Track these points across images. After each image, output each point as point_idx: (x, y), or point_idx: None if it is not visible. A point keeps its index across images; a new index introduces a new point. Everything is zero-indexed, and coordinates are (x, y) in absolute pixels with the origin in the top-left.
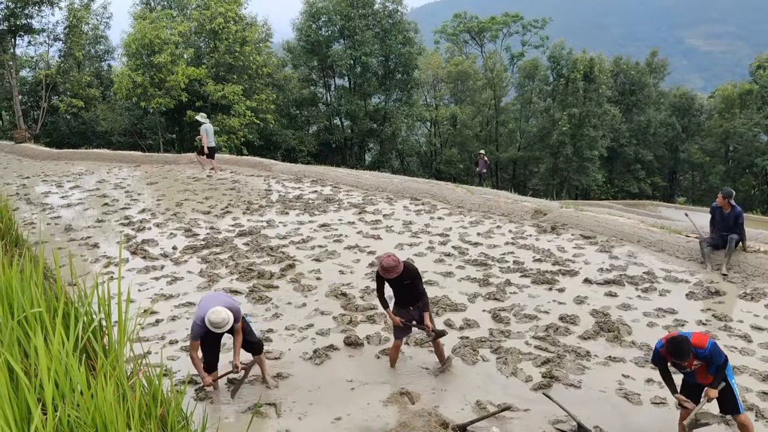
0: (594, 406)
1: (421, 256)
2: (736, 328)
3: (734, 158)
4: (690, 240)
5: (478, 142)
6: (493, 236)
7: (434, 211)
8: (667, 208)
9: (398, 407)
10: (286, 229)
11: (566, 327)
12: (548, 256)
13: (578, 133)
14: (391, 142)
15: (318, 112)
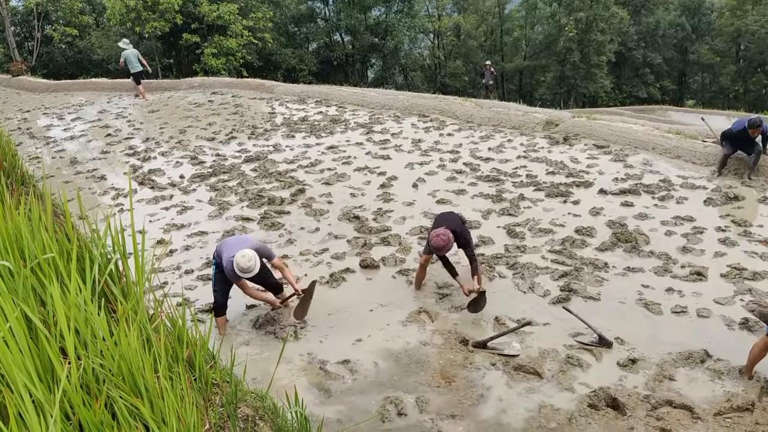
0: (614, 317)
1: (432, 175)
2: (756, 234)
3: (746, 57)
4: (707, 145)
5: (483, 52)
6: (505, 150)
7: (443, 128)
8: (676, 112)
9: (417, 327)
10: (294, 152)
11: (582, 239)
12: (561, 168)
13: (585, 39)
14: (394, 57)
15: (317, 29)
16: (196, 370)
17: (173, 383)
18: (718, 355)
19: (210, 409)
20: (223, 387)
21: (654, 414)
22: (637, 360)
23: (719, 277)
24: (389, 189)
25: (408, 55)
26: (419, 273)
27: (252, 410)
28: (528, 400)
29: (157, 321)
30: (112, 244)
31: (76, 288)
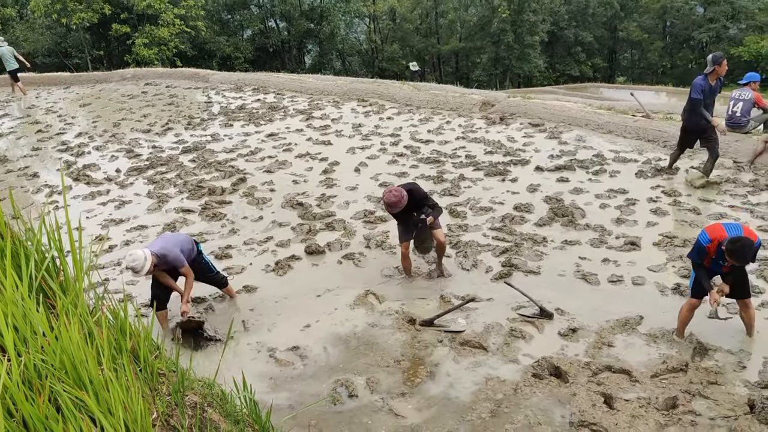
0: (554, 289)
1: (373, 159)
2: (685, 203)
3: (672, 33)
4: (637, 119)
5: (419, 35)
6: (444, 132)
7: (383, 112)
8: (608, 89)
9: (365, 309)
10: (233, 141)
11: (521, 216)
12: (499, 148)
13: (518, 19)
14: (331, 42)
15: (251, 15)
16: (141, 361)
17: (118, 374)
18: (653, 320)
19: (157, 398)
20: (170, 376)
21: (595, 379)
22: (578, 329)
23: (652, 245)
24: (332, 174)
25: (345, 40)
26: (404, 262)
27: (200, 398)
28: (474, 374)
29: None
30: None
31: (12, 285)
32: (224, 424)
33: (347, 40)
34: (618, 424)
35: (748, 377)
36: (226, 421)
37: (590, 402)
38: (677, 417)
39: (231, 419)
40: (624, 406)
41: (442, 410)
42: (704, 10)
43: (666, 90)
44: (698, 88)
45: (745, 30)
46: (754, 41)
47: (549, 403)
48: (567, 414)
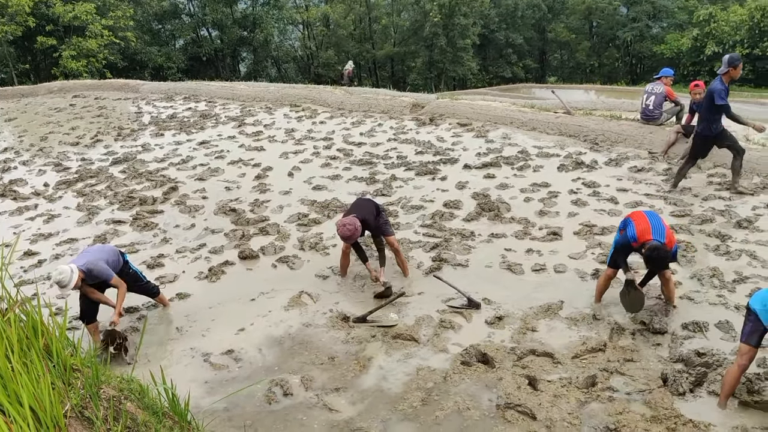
0: (481, 280)
1: (307, 163)
2: (603, 193)
3: (598, 33)
4: (558, 116)
5: (353, 41)
6: (376, 134)
7: (315, 116)
8: (539, 89)
9: (299, 310)
10: (164, 151)
11: (451, 212)
12: (429, 148)
13: (450, 23)
14: (265, 50)
15: (182, 25)
16: (54, 357)
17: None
18: (574, 304)
19: (71, 391)
20: (85, 372)
21: (520, 363)
22: (504, 317)
23: (573, 235)
24: (265, 180)
25: (279, 47)
26: (343, 260)
27: (117, 391)
28: (406, 365)
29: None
30: None
31: None
32: (142, 416)
33: (282, 47)
34: (541, 404)
35: (661, 353)
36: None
37: (515, 385)
38: (596, 394)
39: (150, 411)
40: (547, 387)
41: (375, 402)
42: (627, 10)
43: (594, 88)
44: (721, 93)
45: (667, 28)
46: (675, 39)
47: (477, 389)
48: (494, 397)
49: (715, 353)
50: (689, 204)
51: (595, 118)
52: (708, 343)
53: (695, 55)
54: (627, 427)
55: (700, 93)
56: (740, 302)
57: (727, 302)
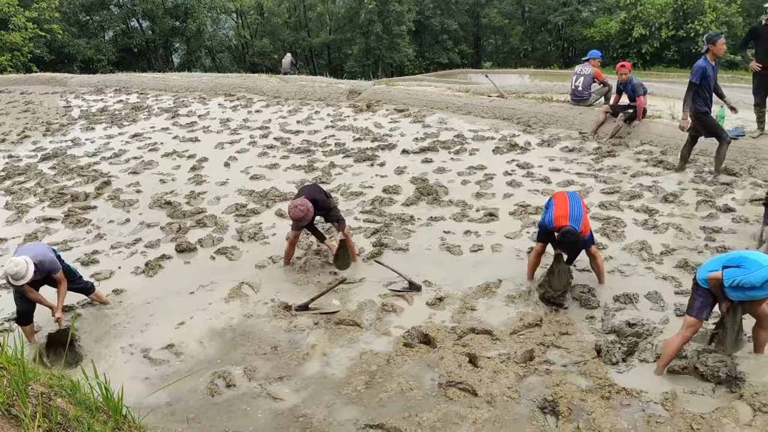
0: (422, 263)
1: (243, 153)
2: (537, 174)
3: (530, 18)
4: (492, 99)
5: (289, 29)
6: (313, 122)
7: (251, 105)
8: (475, 74)
9: (240, 301)
10: (95, 145)
11: (390, 197)
12: (367, 134)
13: (385, 10)
14: (198, 39)
15: (111, 16)
16: None
17: None
18: (511, 282)
19: None
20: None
21: (460, 342)
22: (444, 298)
23: (508, 215)
24: (200, 171)
25: (213, 37)
26: (288, 249)
27: (46, 387)
28: (350, 350)
29: None
30: None
31: None
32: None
33: (216, 37)
34: (482, 380)
35: (594, 326)
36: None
37: (456, 363)
38: (534, 368)
39: (82, 407)
40: (487, 363)
41: (319, 388)
42: None
43: (529, 72)
44: (696, 71)
45: (596, 12)
46: (604, 22)
47: (419, 369)
48: (436, 377)
49: (645, 323)
50: (618, 181)
51: (527, 101)
52: (638, 314)
53: (623, 38)
54: (564, 398)
55: (626, 73)
56: (668, 273)
57: (655, 274)
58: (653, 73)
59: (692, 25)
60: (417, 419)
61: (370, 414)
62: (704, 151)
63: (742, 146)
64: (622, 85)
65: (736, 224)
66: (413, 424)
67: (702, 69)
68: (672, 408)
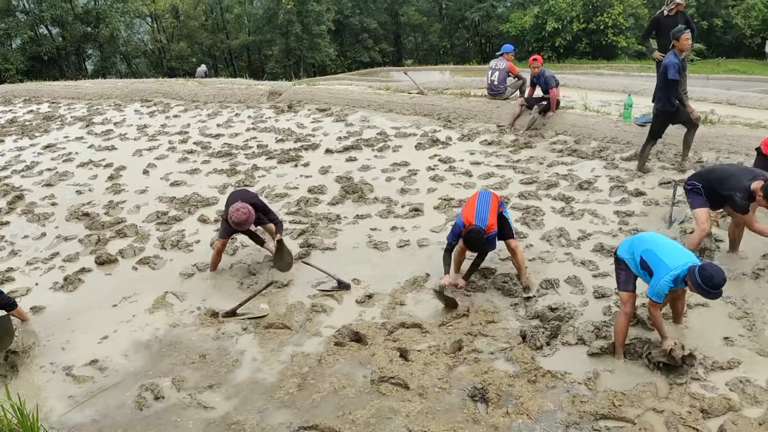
0: (350, 261)
1: (163, 159)
2: (459, 167)
3: (448, 15)
4: (413, 96)
5: (206, 31)
6: (234, 125)
7: (168, 110)
8: (397, 71)
9: (165, 311)
10: (5, 158)
11: (315, 197)
12: (290, 135)
13: (303, 10)
14: (112, 45)
15: (17, 23)
16: None
17: None
18: (438, 275)
19: None
20: None
21: (391, 337)
22: (373, 294)
23: (433, 209)
24: (119, 180)
25: (128, 42)
26: (215, 257)
27: None
28: (280, 353)
29: None
30: None
31: None
32: None
33: (130, 42)
34: (413, 374)
35: (519, 312)
36: None
37: (388, 358)
38: (463, 357)
39: None
40: (417, 357)
41: (250, 394)
42: None
43: (449, 68)
44: (675, 67)
45: (510, 7)
46: (518, 17)
47: (351, 367)
48: (368, 373)
49: (566, 307)
50: (536, 171)
51: (446, 97)
52: (559, 298)
53: (538, 32)
54: (492, 385)
55: (538, 66)
56: (585, 258)
57: (574, 259)
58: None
59: (602, 18)
60: (351, 417)
61: (304, 416)
62: (615, 138)
63: None
64: (535, 78)
65: (647, 207)
66: (347, 422)
67: (677, 65)
68: (595, 387)
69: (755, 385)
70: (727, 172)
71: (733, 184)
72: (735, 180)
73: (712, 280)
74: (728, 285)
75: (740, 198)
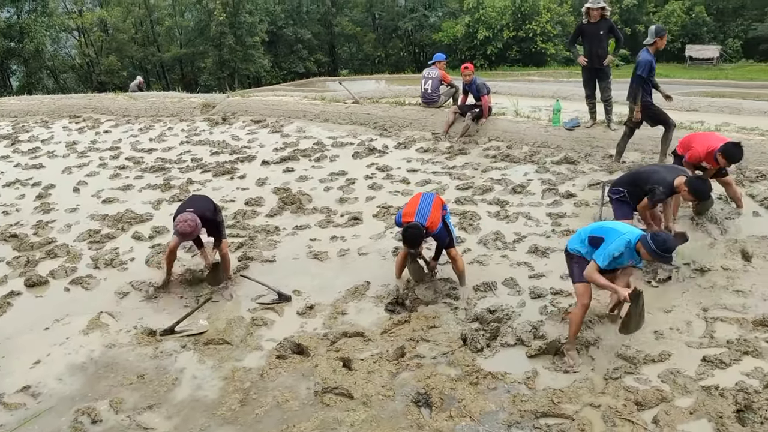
0: (289, 273)
1: (93, 176)
2: (396, 175)
3: (381, 25)
4: (348, 106)
5: (136, 45)
6: (167, 139)
7: (98, 126)
8: (332, 82)
9: (101, 332)
10: None
11: (253, 210)
12: (225, 147)
13: (236, 21)
14: (38, 60)
15: None
16: None
17: None
18: (379, 283)
19: None
20: None
21: (333, 347)
22: (314, 305)
23: (372, 217)
24: (47, 199)
25: (54, 57)
26: (168, 256)
27: None
28: (221, 370)
29: None
30: None
31: None
32: None
33: (57, 57)
34: (357, 383)
35: (459, 316)
36: None
37: (331, 369)
38: (406, 363)
39: None
40: (361, 365)
41: (191, 412)
42: (405, 1)
43: (384, 77)
44: (645, 65)
45: (442, 17)
46: (450, 26)
47: (294, 380)
48: (311, 385)
49: (504, 308)
50: (471, 177)
51: (381, 106)
52: (498, 300)
53: (470, 41)
54: (435, 389)
55: (469, 74)
56: (521, 259)
57: (510, 261)
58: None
59: (530, 26)
60: (295, 430)
61: (247, 431)
62: (545, 143)
63: (578, 136)
64: (467, 86)
65: (577, 208)
66: None
67: (649, 62)
68: (534, 385)
69: (685, 376)
70: (651, 170)
71: (657, 179)
72: (659, 176)
73: (665, 244)
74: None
75: (660, 191)
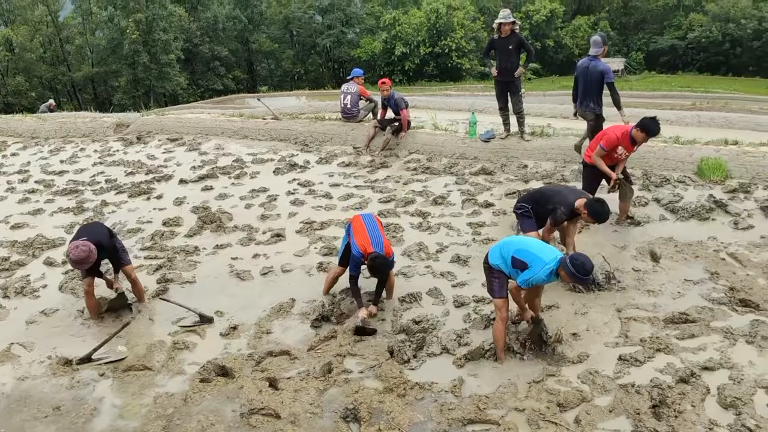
0: (211, 294)
1: (1, 201)
2: (318, 190)
3: (299, 41)
4: (267, 122)
5: (45, 64)
6: (79, 160)
7: (5, 148)
8: (252, 98)
9: (11, 363)
10: None
11: (171, 230)
12: (140, 167)
13: (150, 39)
14: None
15: None
16: None
17: None
18: (304, 299)
19: None
20: None
21: (259, 367)
22: (238, 326)
23: (295, 233)
24: None
25: None
26: (88, 301)
27: None
28: (142, 396)
29: None
30: None
31: None
32: None
33: None
34: (284, 402)
35: (385, 328)
36: None
37: (257, 390)
38: (333, 379)
39: None
40: (287, 384)
41: None
42: (322, 18)
43: (304, 93)
44: (609, 71)
45: (360, 33)
46: (368, 42)
47: (219, 403)
48: (237, 407)
49: (429, 318)
50: (393, 190)
51: (302, 121)
52: (423, 311)
53: (387, 56)
54: (364, 404)
55: (387, 89)
56: (444, 269)
57: (434, 271)
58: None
59: (446, 42)
60: None
61: None
62: (463, 154)
63: (494, 147)
64: (385, 101)
65: (496, 217)
66: None
67: (608, 68)
68: (460, 393)
69: (603, 376)
70: (554, 191)
71: (558, 200)
72: (561, 197)
73: (584, 268)
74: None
75: (561, 212)
